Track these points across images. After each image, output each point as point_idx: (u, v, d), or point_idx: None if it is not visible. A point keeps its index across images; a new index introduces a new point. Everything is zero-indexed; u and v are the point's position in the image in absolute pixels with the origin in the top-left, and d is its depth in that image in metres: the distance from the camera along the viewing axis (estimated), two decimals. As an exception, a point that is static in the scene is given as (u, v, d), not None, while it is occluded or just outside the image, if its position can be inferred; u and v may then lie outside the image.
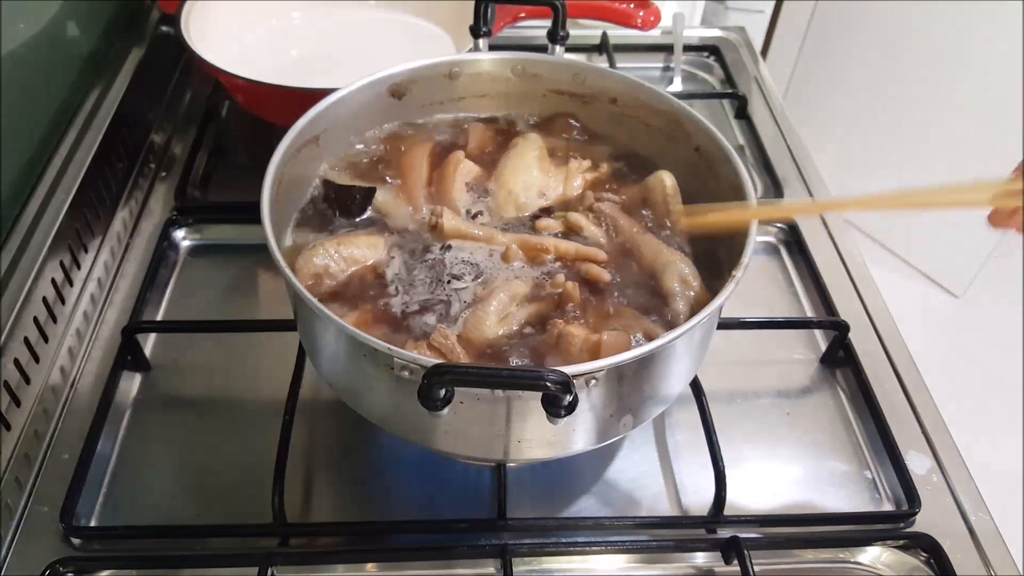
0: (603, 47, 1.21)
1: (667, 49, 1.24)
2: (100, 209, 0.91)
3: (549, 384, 0.45)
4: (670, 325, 0.61)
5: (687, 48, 1.24)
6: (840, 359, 0.82)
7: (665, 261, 0.65)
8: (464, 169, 0.74)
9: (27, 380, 0.74)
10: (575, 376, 0.48)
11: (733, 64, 1.21)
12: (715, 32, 1.29)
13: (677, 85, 1.19)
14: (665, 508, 0.70)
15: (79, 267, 0.85)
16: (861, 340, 0.82)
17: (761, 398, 0.79)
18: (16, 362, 0.73)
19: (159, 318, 0.84)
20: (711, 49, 1.25)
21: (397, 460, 0.73)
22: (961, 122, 2.03)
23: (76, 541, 0.65)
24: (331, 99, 0.70)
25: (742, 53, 1.25)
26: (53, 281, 0.80)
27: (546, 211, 0.72)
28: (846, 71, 2.22)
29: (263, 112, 1.00)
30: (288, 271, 0.55)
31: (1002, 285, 2.20)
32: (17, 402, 0.72)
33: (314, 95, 0.70)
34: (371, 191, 0.71)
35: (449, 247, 0.67)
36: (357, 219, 0.70)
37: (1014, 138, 1.91)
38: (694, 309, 0.62)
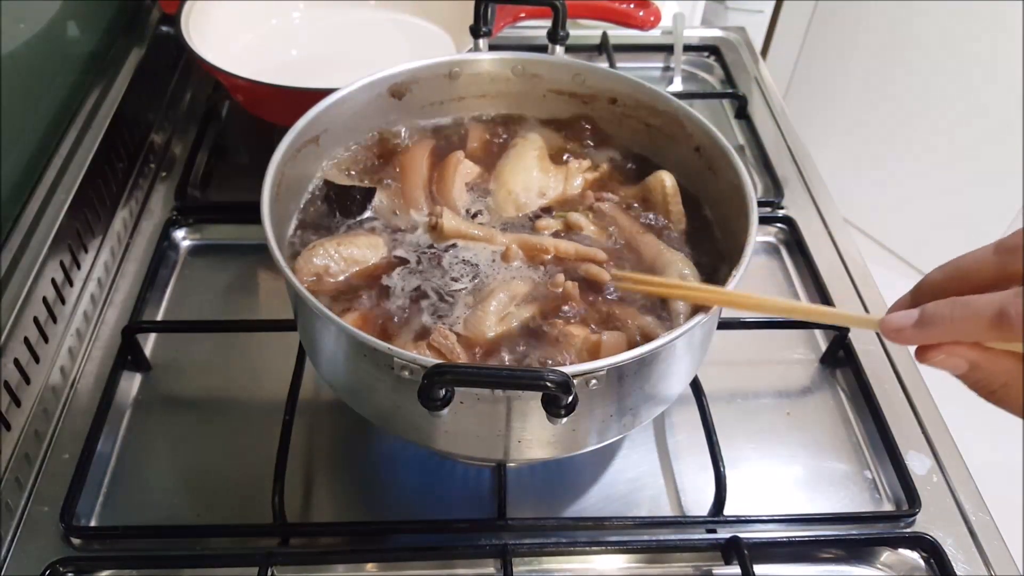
0: (603, 47, 1.20)
1: (667, 49, 1.24)
2: (100, 209, 0.91)
3: (549, 384, 0.45)
4: (670, 325, 0.61)
5: (687, 48, 1.24)
6: (840, 359, 0.82)
7: (665, 261, 0.65)
8: (464, 169, 0.74)
9: (27, 380, 0.74)
10: (575, 376, 0.48)
11: (733, 64, 1.21)
12: (715, 32, 1.29)
13: (677, 85, 1.19)
14: (665, 508, 0.70)
15: (79, 267, 0.85)
16: (861, 340, 0.82)
17: (761, 398, 0.79)
18: (16, 362, 0.73)
19: (159, 318, 0.84)
20: (711, 49, 1.25)
21: (397, 460, 0.73)
22: (961, 121, 2.03)
23: (76, 541, 0.65)
24: (331, 99, 0.70)
25: (742, 53, 1.25)
26: (53, 281, 0.80)
27: (546, 211, 0.72)
28: (846, 71, 2.22)
29: (263, 112, 1.00)
30: (288, 271, 0.55)
31: (1002, 285, 2.20)
32: (17, 402, 0.72)
33: (314, 95, 0.70)
34: (371, 191, 0.71)
35: (449, 247, 0.67)
36: (357, 219, 0.70)
37: (1014, 137, 1.91)
38: (694, 309, 0.62)
